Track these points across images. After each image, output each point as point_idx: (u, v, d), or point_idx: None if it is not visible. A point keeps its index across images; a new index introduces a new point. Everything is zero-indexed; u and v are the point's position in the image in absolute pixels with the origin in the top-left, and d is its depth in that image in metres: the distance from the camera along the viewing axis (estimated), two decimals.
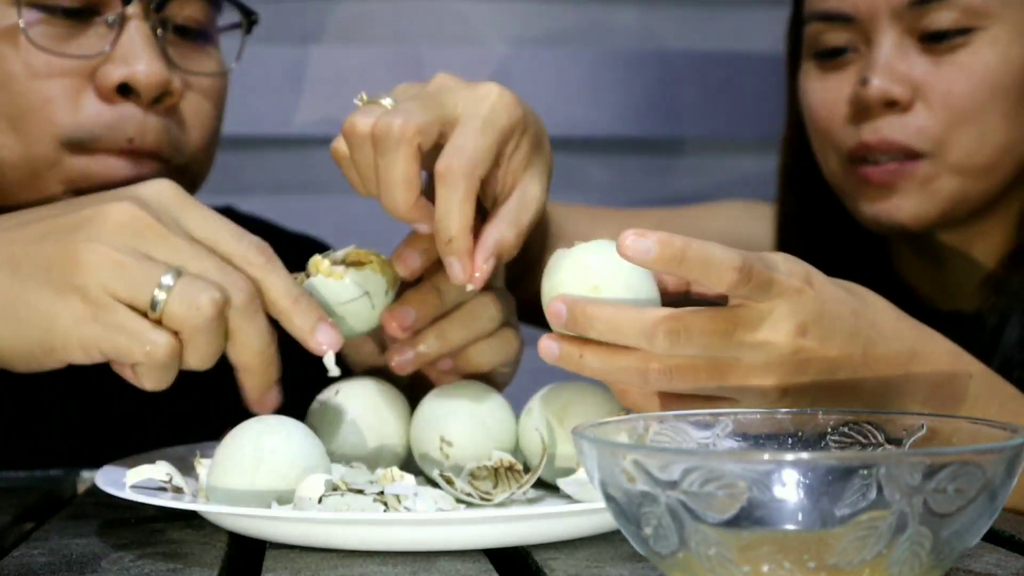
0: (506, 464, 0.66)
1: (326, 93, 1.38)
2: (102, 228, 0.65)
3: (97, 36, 0.85)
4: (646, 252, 0.59)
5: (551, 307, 0.62)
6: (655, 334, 0.60)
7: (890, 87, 0.95)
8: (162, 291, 0.64)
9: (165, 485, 0.64)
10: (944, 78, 0.95)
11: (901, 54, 0.96)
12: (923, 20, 0.95)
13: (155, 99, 0.85)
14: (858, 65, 0.98)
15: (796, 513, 0.43)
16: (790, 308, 0.63)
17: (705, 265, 0.60)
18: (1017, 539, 0.61)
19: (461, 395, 0.71)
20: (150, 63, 0.83)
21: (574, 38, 1.40)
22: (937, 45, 0.96)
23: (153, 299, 0.64)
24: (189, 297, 0.64)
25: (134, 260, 0.64)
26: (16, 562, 0.57)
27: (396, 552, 0.58)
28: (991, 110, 0.97)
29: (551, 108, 1.45)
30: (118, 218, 0.65)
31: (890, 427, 0.53)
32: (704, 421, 0.55)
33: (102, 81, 0.84)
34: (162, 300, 0.64)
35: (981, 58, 0.96)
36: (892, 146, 0.96)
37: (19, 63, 0.84)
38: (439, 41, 1.39)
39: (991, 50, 0.96)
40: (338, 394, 0.72)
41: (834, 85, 1.00)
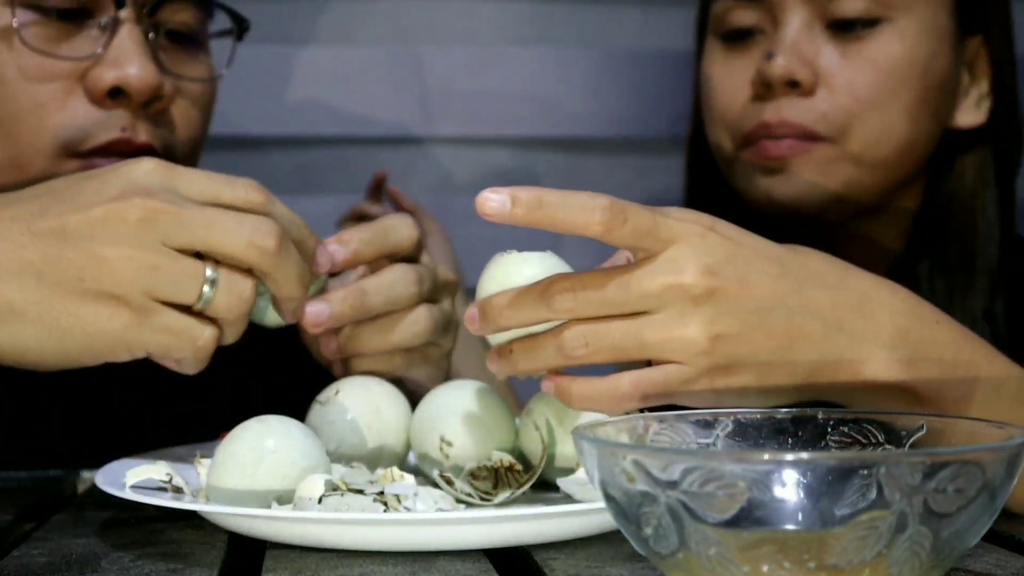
0: (506, 464, 0.66)
1: (324, 93, 1.38)
2: (122, 229, 0.64)
3: (89, 39, 0.85)
4: (502, 206, 0.60)
5: (466, 316, 0.63)
6: (552, 295, 0.60)
7: (795, 67, 0.94)
8: (208, 286, 0.65)
9: (165, 485, 0.64)
10: (849, 67, 0.95)
11: (808, 37, 0.95)
12: (832, 6, 0.95)
13: (146, 103, 0.85)
14: (763, 46, 0.97)
15: (796, 513, 0.43)
16: (692, 250, 0.61)
17: (565, 207, 0.59)
18: (1017, 539, 0.61)
19: (461, 395, 0.71)
20: (142, 66, 0.83)
21: (574, 38, 1.40)
22: (845, 33, 0.95)
23: (201, 295, 0.65)
24: (233, 289, 0.65)
25: (169, 260, 0.64)
26: (16, 562, 0.57)
27: (396, 552, 0.58)
28: (894, 104, 0.96)
29: (551, 108, 1.46)
30: (134, 215, 0.64)
31: (890, 427, 0.53)
32: (704, 421, 0.55)
33: (93, 84, 0.84)
34: (209, 295, 0.65)
35: (888, 50, 0.95)
36: (793, 127, 0.95)
37: (11, 66, 0.84)
38: (438, 41, 1.39)
39: (898, 43, 0.96)
40: (338, 394, 0.72)
41: (738, 66, 0.99)
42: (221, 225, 0.65)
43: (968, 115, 1.01)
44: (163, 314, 0.65)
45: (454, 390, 0.72)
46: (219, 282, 0.65)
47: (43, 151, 0.84)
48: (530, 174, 1.42)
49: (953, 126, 1.01)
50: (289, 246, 0.67)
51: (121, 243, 0.64)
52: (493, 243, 1.41)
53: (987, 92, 1.02)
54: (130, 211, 0.64)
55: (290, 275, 0.68)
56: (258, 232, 0.65)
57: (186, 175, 0.67)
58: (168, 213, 0.64)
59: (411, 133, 1.39)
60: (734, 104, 0.99)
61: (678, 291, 0.60)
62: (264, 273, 0.67)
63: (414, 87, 1.39)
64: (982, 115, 1.02)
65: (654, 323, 0.61)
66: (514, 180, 1.41)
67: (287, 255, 0.67)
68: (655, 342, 0.61)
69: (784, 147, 0.96)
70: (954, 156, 1.02)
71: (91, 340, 0.64)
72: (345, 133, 1.38)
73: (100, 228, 0.64)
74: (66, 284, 0.64)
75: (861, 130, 0.96)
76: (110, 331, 0.64)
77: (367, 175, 1.39)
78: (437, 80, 1.39)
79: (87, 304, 0.64)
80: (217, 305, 0.65)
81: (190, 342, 0.65)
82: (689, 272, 0.60)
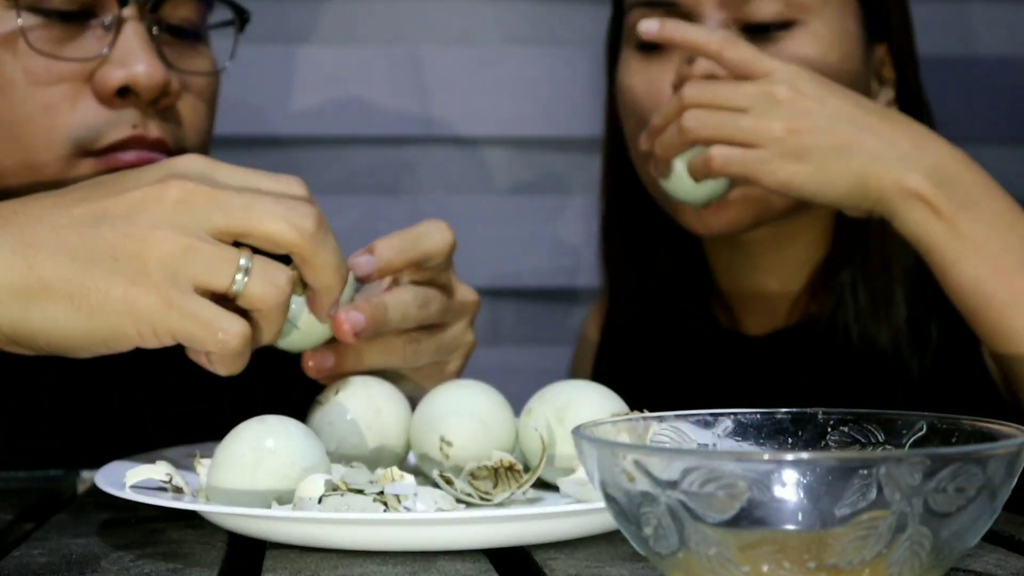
0: (506, 464, 0.66)
1: (323, 93, 1.38)
2: (160, 210, 0.63)
3: (94, 39, 0.85)
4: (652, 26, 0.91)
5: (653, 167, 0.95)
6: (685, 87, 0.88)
7: (716, 70, 0.94)
8: (242, 273, 0.63)
9: (165, 485, 0.64)
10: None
11: None
12: (746, 9, 0.96)
13: (154, 100, 0.85)
14: (680, 53, 0.98)
15: (796, 513, 0.43)
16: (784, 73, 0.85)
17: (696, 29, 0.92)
18: (1017, 539, 0.61)
19: (461, 395, 0.71)
20: (150, 64, 0.83)
21: (574, 38, 1.40)
22: (760, 36, 0.96)
23: (233, 281, 0.63)
24: (269, 277, 0.64)
25: (205, 244, 0.63)
26: (16, 562, 0.57)
27: (396, 552, 0.58)
28: None
29: (551, 108, 1.46)
30: (173, 195, 0.63)
31: (890, 427, 0.53)
32: (704, 421, 0.55)
33: (101, 84, 0.84)
34: (243, 282, 0.63)
35: (801, 52, 0.97)
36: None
37: (18, 69, 0.84)
38: (438, 41, 1.39)
39: (811, 45, 0.97)
40: (338, 394, 0.72)
41: (656, 72, 0.99)
42: (259, 206, 0.64)
43: None
44: (192, 300, 0.63)
45: (454, 390, 0.72)
46: (253, 269, 0.64)
47: (56, 153, 0.84)
48: (530, 174, 1.42)
49: None
50: (328, 232, 0.66)
51: (158, 223, 0.63)
52: (493, 243, 1.42)
53: (893, 98, 1.04)
54: (168, 192, 0.63)
55: (328, 263, 0.66)
56: (297, 213, 0.64)
57: (227, 168, 0.67)
58: (206, 194, 0.63)
59: (411, 133, 1.39)
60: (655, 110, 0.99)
61: (769, 97, 0.85)
62: (302, 258, 0.66)
63: (414, 87, 1.39)
64: None
65: (748, 116, 0.85)
66: (514, 180, 1.41)
67: (326, 240, 0.66)
68: (747, 127, 0.85)
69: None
70: None
71: (118, 320, 0.63)
72: (345, 133, 1.38)
73: (138, 209, 0.63)
74: (99, 262, 0.62)
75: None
76: (137, 311, 0.62)
77: (367, 175, 1.39)
78: (437, 80, 1.39)
79: (117, 282, 0.62)
80: (251, 293, 0.64)
81: (214, 333, 0.63)
82: (780, 87, 0.84)
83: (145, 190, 0.64)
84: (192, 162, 0.66)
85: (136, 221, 0.63)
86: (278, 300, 0.64)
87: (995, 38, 1.42)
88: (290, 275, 0.65)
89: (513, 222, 1.39)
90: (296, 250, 0.65)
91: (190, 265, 0.63)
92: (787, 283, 1.06)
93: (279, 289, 0.64)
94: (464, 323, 0.80)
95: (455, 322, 0.79)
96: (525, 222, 1.40)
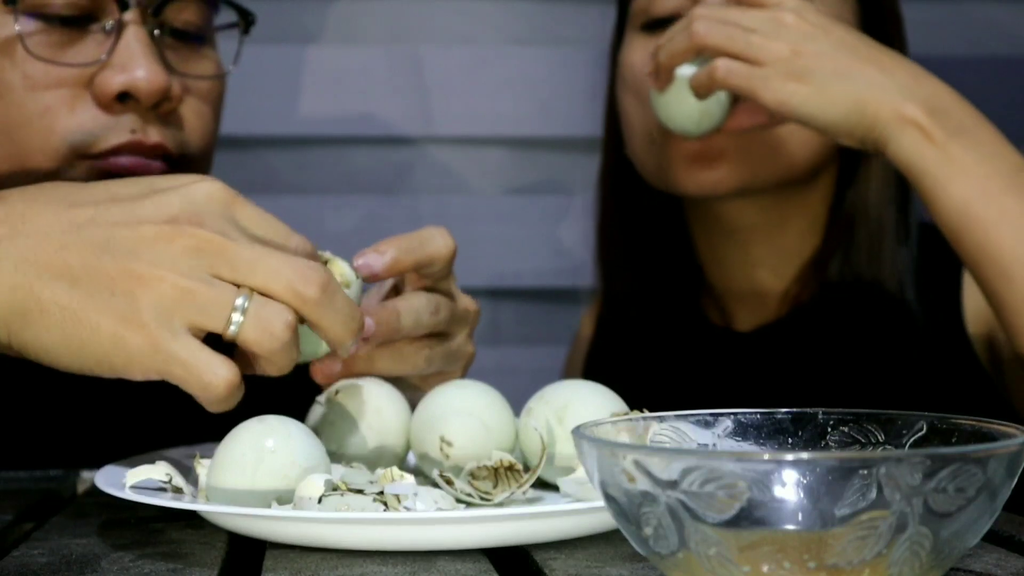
0: (506, 464, 0.66)
1: (324, 93, 1.38)
2: (166, 252, 0.62)
3: (94, 43, 0.85)
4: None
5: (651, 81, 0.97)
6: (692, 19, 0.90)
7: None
8: (239, 313, 0.62)
9: (165, 485, 0.64)
10: None
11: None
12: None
13: (155, 104, 0.85)
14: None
15: (796, 513, 0.43)
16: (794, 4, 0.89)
17: None
18: (1017, 539, 0.61)
19: (461, 395, 0.71)
20: (150, 69, 0.83)
21: (574, 38, 1.40)
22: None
23: (229, 323, 0.62)
24: (263, 323, 0.62)
25: (203, 285, 0.62)
26: (16, 562, 0.57)
27: (396, 552, 0.58)
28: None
29: (551, 108, 1.46)
30: (183, 242, 0.63)
31: (890, 427, 0.53)
32: (704, 421, 0.55)
33: (101, 89, 0.83)
34: (238, 323, 0.62)
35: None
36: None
37: (16, 74, 0.84)
38: (438, 41, 1.39)
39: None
40: (338, 394, 0.72)
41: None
42: (266, 265, 0.63)
43: None
44: (181, 344, 0.62)
45: (454, 390, 0.72)
46: (248, 312, 0.62)
47: (52, 155, 0.84)
48: (530, 174, 1.42)
49: None
50: (335, 294, 0.65)
51: (160, 265, 0.62)
52: (493, 243, 1.42)
53: None
54: (179, 237, 0.63)
55: (334, 323, 0.65)
56: (302, 278, 0.63)
57: (248, 208, 0.66)
58: (216, 246, 0.63)
59: (411, 133, 1.39)
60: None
61: (777, 21, 0.88)
62: (308, 320, 0.65)
63: (414, 87, 1.39)
64: None
65: (757, 34, 0.88)
66: (513, 180, 1.41)
67: (331, 303, 0.64)
68: (755, 43, 0.87)
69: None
70: (858, 164, 1.06)
71: (106, 356, 0.63)
72: (345, 133, 1.38)
73: (145, 246, 0.63)
74: (96, 295, 0.62)
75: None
76: (123, 350, 0.62)
77: (367, 175, 1.39)
78: (437, 80, 1.39)
79: (109, 319, 0.62)
80: (246, 337, 0.63)
81: (199, 377, 0.62)
82: (788, 14, 0.88)
83: (157, 228, 0.63)
84: (212, 199, 0.65)
85: (139, 258, 0.62)
86: (273, 346, 0.63)
87: (993, 38, 1.42)
88: (287, 320, 0.63)
89: (513, 222, 1.39)
90: (300, 312, 0.64)
91: (186, 307, 0.62)
92: (778, 275, 1.07)
93: (273, 336, 0.63)
94: (466, 333, 0.80)
95: (459, 331, 0.79)
96: (525, 222, 1.40)
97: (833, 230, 1.06)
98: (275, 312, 0.63)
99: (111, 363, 0.63)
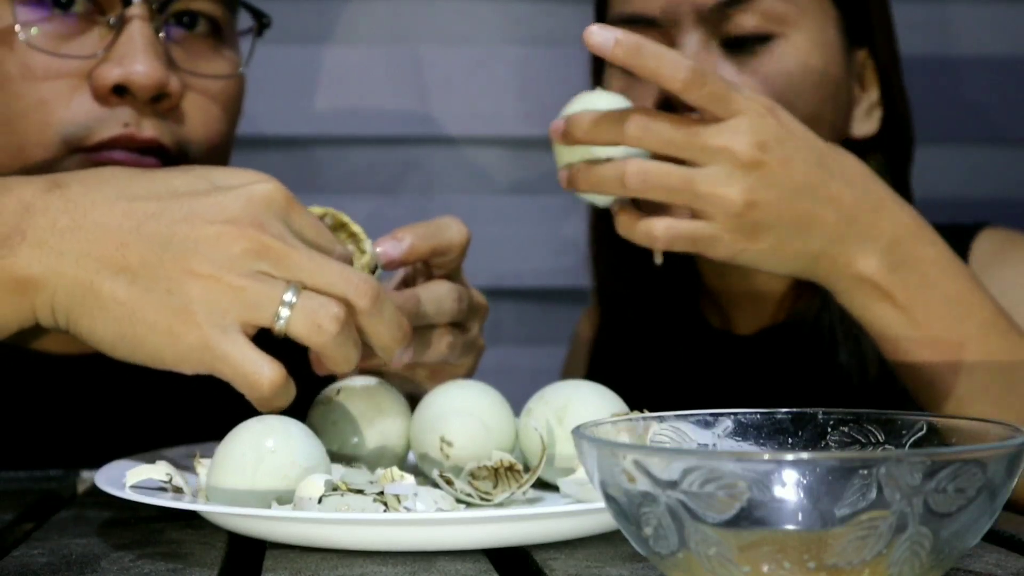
0: (506, 464, 0.66)
1: (324, 93, 1.38)
2: (226, 253, 0.64)
3: (98, 37, 0.85)
4: (607, 40, 0.71)
5: (552, 128, 0.75)
6: (630, 119, 0.71)
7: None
8: (286, 308, 0.64)
9: (165, 485, 0.64)
10: (747, 82, 0.96)
11: (706, 56, 0.96)
12: (726, 24, 0.96)
13: (153, 99, 0.84)
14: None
15: (796, 513, 0.43)
16: (751, 124, 0.71)
17: (659, 58, 0.70)
18: (1017, 539, 0.61)
19: (461, 395, 0.71)
20: (146, 63, 0.83)
21: (574, 38, 1.40)
22: (739, 50, 0.97)
23: (277, 315, 0.64)
24: (310, 316, 0.64)
25: (254, 282, 0.64)
26: (16, 562, 0.57)
27: (396, 552, 0.58)
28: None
29: (551, 108, 1.45)
30: (243, 245, 0.64)
31: (890, 427, 0.53)
32: (704, 421, 0.55)
33: (97, 81, 0.83)
34: (286, 317, 0.64)
35: (782, 64, 0.97)
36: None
37: (15, 64, 0.84)
38: (438, 41, 1.39)
39: (792, 58, 0.97)
40: (339, 394, 0.72)
41: (642, 92, 0.98)
42: (325, 276, 0.65)
43: (862, 125, 1.04)
44: (231, 342, 0.63)
45: (454, 390, 0.72)
46: (296, 307, 0.64)
47: (46, 146, 0.84)
48: (530, 174, 1.42)
49: (849, 137, 1.03)
50: (384, 303, 0.67)
51: (219, 265, 0.63)
52: (493, 243, 1.41)
53: (876, 101, 1.04)
54: (240, 240, 0.64)
55: (384, 333, 0.68)
56: (356, 289, 0.65)
57: (304, 214, 0.68)
58: (277, 252, 0.64)
59: (411, 133, 1.39)
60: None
61: (731, 155, 0.72)
62: (358, 329, 0.67)
63: (414, 87, 1.39)
64: (874, 124, 1.04)
65: (706, 176, 0.72)
66: (513, 180, 1.41)
67: (381, 312, 0.67)
68: (703, 193, 0.72)
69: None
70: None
71: (159, 351, 0.64)
72: (345, 133, 1.38)
73: (205, 246, 0.64)
74: (153, 292, 0.64)
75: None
76: (176, 347, 0.64)
77: (367, 175, 1.39)
78: (437, 80, 1.39)
79: (164, 316, 0.64)
80: (295, 331, 0.64)
81: (245, 377, 0.64)
82: (744, 142, 0.71)
83: (218, 229, 0.64)
84: (271, 200, 0.66)
85: (199, 256, 0.64)
86: (322, 339, 0.65)
87: (976, 38, 1.42)
88: (335, 315, 0.65)
89: (513, 222, 1.39)
90: (354, 321, 0.66)
91: (238, 305, 0.64)
92: (775, 282, 1.07)
93: (321, 329, 0.64)
94: (479, 325, 0.81)
95: (474, 323, 0.80)
96: (525, 222, 1.40)
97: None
98: (322, 305, 0.64)
99: (163, 358, 0.65)
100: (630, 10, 0.99)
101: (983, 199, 1.42)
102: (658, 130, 0.71)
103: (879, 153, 1.04)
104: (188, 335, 0.63)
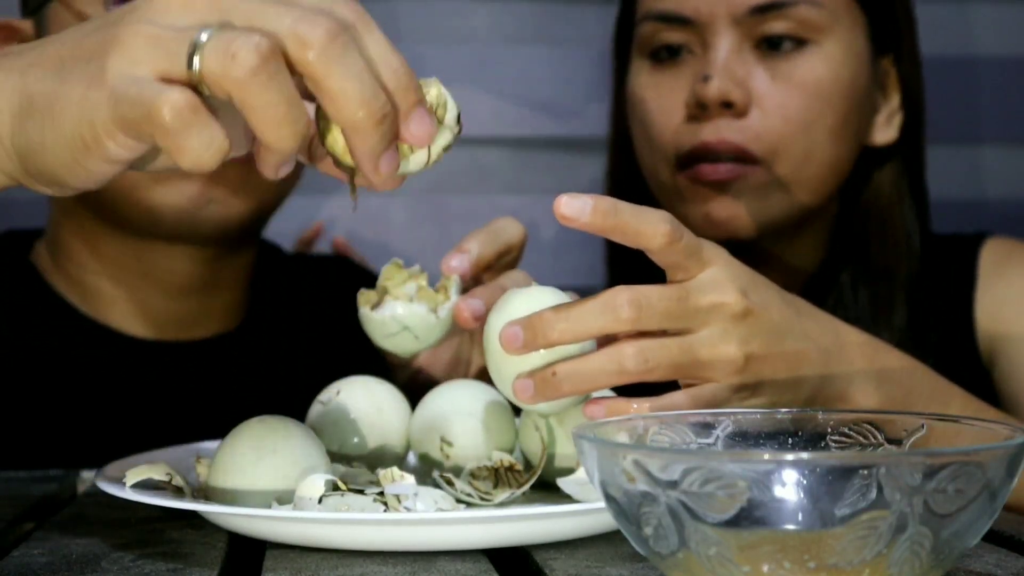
0: (506, 464, 0.66)
1: None
2: (149, 9, 0.56)
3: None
4: (580, 211, 0.61)
5: (505, 332, 0.62)
6: (619, 305, 0.62)
7: (729, 88, 0.95)
8: (199, 49, 0.53)
9: (165, 485, 0.64)
10: (779, 88, 0.97)
11: (739, 59, 0.97)
12: (760, 28, 0.96)
13: None
14: (693, 67, 0.99)
15: (796, 513, 0.43)
16: (727, 273, 0.65)
17: (638, 219, 0.62)
18: (1017, 539, 0.61)
19: (461, 395, 0.71)
20: None
21: (574, 38, 1.40)
22: (773, 54, 0.97)
23: (189, 59, 0.53)
24: (224, 47, 0.52)
25: (174, 32, 0.54)
26: (16, 562, 0.57)
27: (396, 552, 0.58)
28: (820, 124, 0.98)
29: (551, 108, 1.46)
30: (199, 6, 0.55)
31: (890, 427, 0.53)
32: (704, 421, 0.55)
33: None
34: (199, 59, 0.53)
35: (814, 72, 0.97)
36: (731, 147, 0.97)
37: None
38: (438, 41, 1.39)
39: (824, 65, 0.97)
40: (339, 394, 0.72)
41: (670, 85, 0.99)
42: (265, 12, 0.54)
43: (882, 132, 1.04)
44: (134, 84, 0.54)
45: (454, 390, 0.72)
46: (208, 43, 0.53)
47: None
48: (529, 174, 1.42)
49: (870, 143, 1.03)
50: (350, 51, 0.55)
51: (140, 20, 0.56)
52: None
53: (897, 108, 1.05)
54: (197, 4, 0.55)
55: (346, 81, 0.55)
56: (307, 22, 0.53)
57: None
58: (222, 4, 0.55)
59: None
60: (669, 125, 1.00)
61: (723, 310, 0.65)
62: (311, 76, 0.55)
63: None
64: (894, 131, 1.04)
65: (703, 340, 0.64)
66: (512, 181, 1.41)
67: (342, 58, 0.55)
68: (705, 360, 0.64)
69: (722, 171, 0.97)
70: (870, 171, 1.05)
71: (76, 124, 0.56)
72: None
73: (132, 10, 0.56)
74: (75, 70, 0.56)
75: (790, 151, 0.98)
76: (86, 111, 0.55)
77: None
78: None
79: (79, 85, 0.56)
80: (208, 71, 0.52)
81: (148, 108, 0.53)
82: (730, 292, 0.65)
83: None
84: None
85: (120, 22, 0.56)
86: (238, 74, 0.52)
87: (994, 38, 1.42)
88: (256, 41, 0.52)
89: None
90: (303, 68, 0.54)
91: (149, 53, 0.54)
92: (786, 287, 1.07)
93: (236, 60, 0.52)
94: None
95: None
96: (525, 222, 1.40)
97: (841, 243, 1.05)
98: (240, 34, 0.53)
99: (81, 133, 0.56)
100: (663, 7, 0.99)
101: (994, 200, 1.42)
102: (652, 305, 0.63)
103: (897, 159, 1.04)
104: (96, 93, 0.55)
